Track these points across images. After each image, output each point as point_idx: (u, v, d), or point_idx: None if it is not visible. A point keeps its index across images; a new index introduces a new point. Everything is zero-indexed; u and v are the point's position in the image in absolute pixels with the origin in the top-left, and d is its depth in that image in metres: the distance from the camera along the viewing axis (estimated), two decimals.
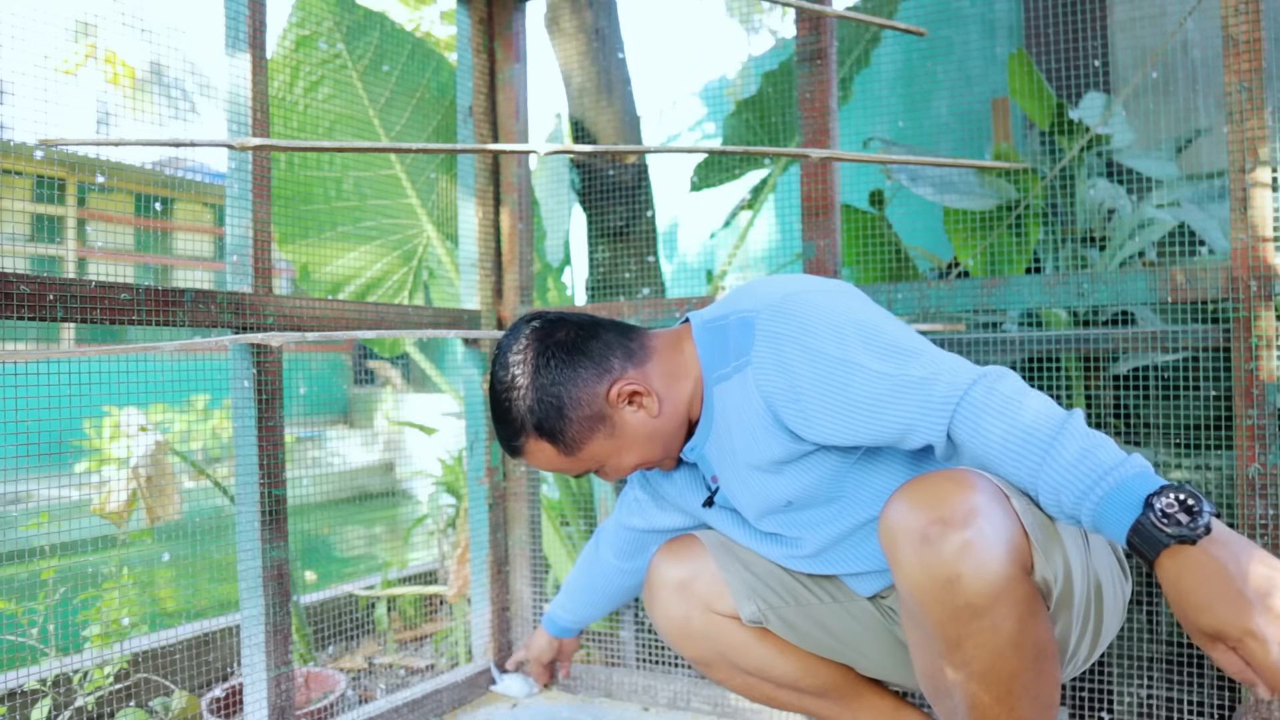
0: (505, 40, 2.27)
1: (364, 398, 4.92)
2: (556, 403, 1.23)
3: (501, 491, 2.26)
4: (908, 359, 1.09)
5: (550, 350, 1.24)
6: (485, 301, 2.24)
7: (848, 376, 1.10)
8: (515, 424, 1.26)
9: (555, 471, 1.35)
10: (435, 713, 2.02)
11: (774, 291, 1.22)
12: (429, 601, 2.89)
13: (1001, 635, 0.99)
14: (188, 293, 1.55)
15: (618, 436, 1.26)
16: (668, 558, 1.44)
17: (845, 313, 1.16)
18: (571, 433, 1.24)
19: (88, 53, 2.25)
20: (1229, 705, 1.70)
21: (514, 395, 1.25)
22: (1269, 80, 1.53)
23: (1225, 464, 1.76)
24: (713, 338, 1.27)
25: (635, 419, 1.25)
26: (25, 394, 1.43)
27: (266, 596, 1.69)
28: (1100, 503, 0.93)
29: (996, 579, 0.97)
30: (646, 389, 1.25)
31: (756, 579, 1.38)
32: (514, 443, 1.28)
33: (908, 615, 1.10)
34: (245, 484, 1.69)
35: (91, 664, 1.84)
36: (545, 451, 1.26)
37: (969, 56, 2.93)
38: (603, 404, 1.24)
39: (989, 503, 1.00)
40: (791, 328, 1.16)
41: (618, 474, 1.32)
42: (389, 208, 2.58)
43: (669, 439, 1.29)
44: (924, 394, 1.06)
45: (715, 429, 1.28)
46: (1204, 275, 1.57)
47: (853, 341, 1.12)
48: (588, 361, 1.24)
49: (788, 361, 1.14)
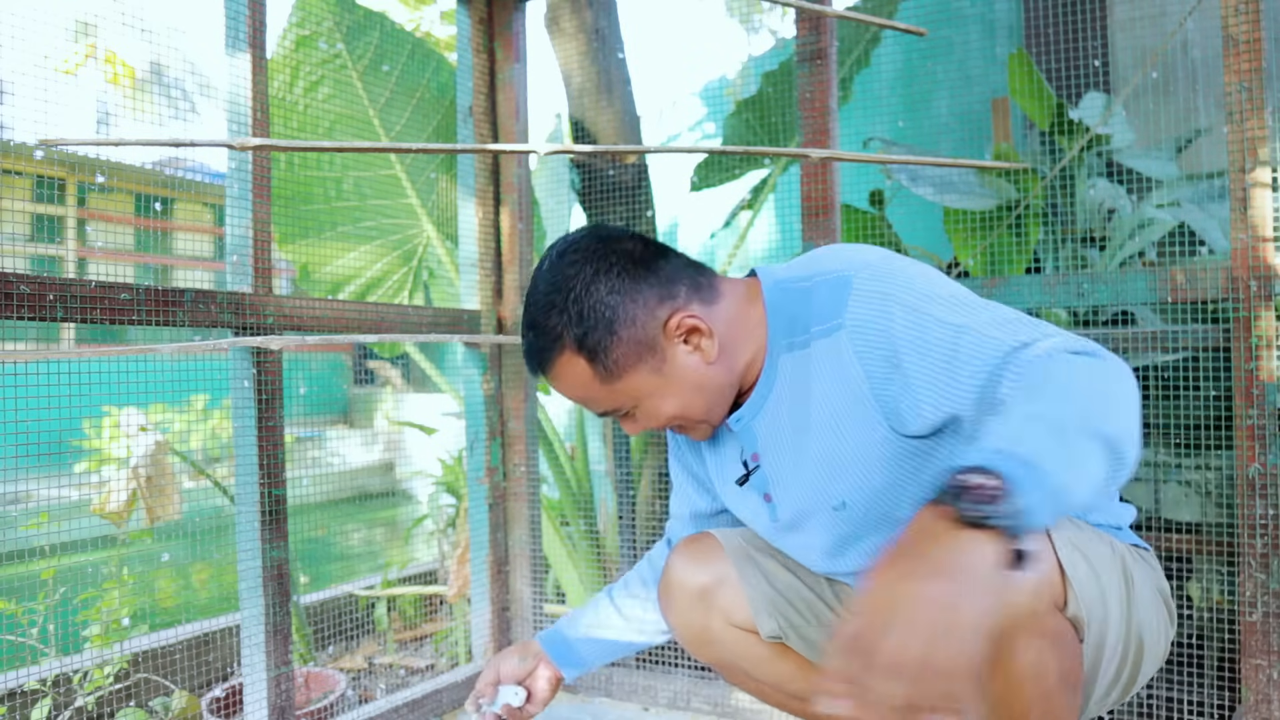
0: (505, 40, 2.27)
1: (364, 398, 4.92)
2: (609, 315, 1.09)
3: (501, 491, 2.26)
4: (1017, 325, 1.01)
5: (614, 257, 1.11)
6: (485, 301, 2.23)
7: (956, 337, 1.01)
8: (553, 332, 1.10)
9: (579, 400, 1.17)
10: (435, 713, 2.02)
11: (866, 254, 1.12)
12: (429, 601, 2.89)
13: (1019, 667, 0.96)
14: (188, 293, 1.55)
15: (664, 374, 1.12)
16: (687, 559, 1.32)
17: (942, 280, 1.08)
18: (616, 355, 1.10)
19: (88, 53, 2.25)
20: (1229, 705, 1.70)
21: (560, 298, 1.10)
22: (1269, 80, 1.53)
23: (1225, 464, 1.76)
24: (789, 301, 1.15)
25: (688, 360, 1.13)
26: (25, 394, 1.43)
27: (266, 596, 1.69)
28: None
29: (1023, 611, 0.94)
30: (708, 329, 1.12)
31: (778, 594, 1.30)
32: (545, 355, 1.12)
33: None
34: (245, 484, 1.69)
35: (91, 664, 1.84)
36: (578, 372, 1.11)
37: (969, 56, 2.93)
38: (658, 331, 1.11)
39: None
40: (897, 287, 1.06)
41: (648, 422, 1.18)
42: (389, 208, 2.58)
43: (716, 396, 1.16)
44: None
45: (772, 401, 1.17)
46: (1204, 275, 1.57)
47: (960, 305, 1.04)
48: (653, 280, 1.12)
49: (892, 323, 1.05)
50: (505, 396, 2.27)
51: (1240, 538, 1.54)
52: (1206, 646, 1.78)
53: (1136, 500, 1.82)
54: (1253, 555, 1.52)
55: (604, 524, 2.72)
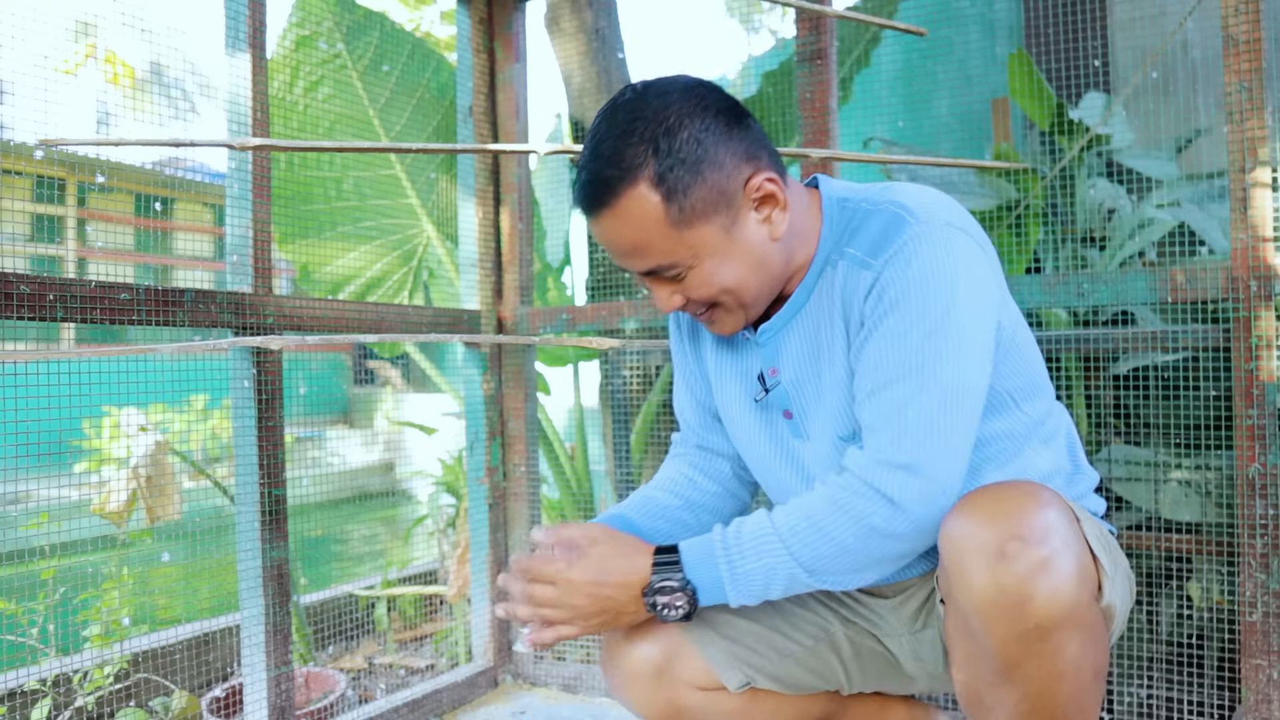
0: (505, 40, 2.27)
1: (364, 398, 4.92)
2: (698, 154, 1.02)
3: (501, 491, 2.26)
4: (961, 407, 1.02)
5: (709, 99, 1.06)
6: (485, 301, 2.24)
7: (901, 381, 1.03)
8: (631, 162, 1.02)
9: (628, 247, 1.08)
10: (435, 713, 2.02)
11: (935, 211, 1.08)
12: (429, 601, 2.89)
13: (1063, 660, 0.95)
14: (188, 293, 1.55)
15: (732, 236, 1.06)
16: (632, 637, 1.23)
17: (971, 303, 1.04)
18: (694, 198, 1.03)
19: (88, 53, 2.25)
20: (1229, 705, 1.70)
21: (646, 129, 1.02)
22: (1269, 80, 1.53)
23: (1225, 464, 1.76)
24: (846, 218, 1.13)
25: (757, 230, 1.08)
26: (25, 394, 1.43)
27: (266, 596, 1.69)
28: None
29: (1068, 602, 0.93)
30: (784, 200, 1.08)
31: (733, 643, 1.25)
32: (613, 187, 1.03)
33: (961, 629, 1.04)
34: (245, 484, 1.69)
35: (91, 664, 1.84)
36: (646, 210, 1.03)
37: (969, 56, 2.93)
38: (738, 188, 1.06)
39: (1062, 520, 0.96)
40: (930, 287, 1.03)
41: (695, 290, 1.10)
42: (389, 208, 2.58)
43: (767, 281, 1.11)
44: (897, 444, 1.02)
45: (805, 313, 1.15)
46: (1204, 275, 1.57)
47: (954, 341, 1.02)
48: (742, 134, 1.06)
49: (896, 311, 1.04)
50: (505, 396, 2.27)
51: (1240, 538, 1.54)
52: (1206, 646, 1.78)
53: (1137, 500, 1.82)
54: (1253, 555, 1.52)
55: None
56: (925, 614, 1.26)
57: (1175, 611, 1.83)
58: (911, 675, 1.31)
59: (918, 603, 1.27)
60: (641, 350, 2.26)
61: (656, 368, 2.46)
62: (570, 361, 2.71)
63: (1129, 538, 1.82)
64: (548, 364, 2.73)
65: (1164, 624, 1.85)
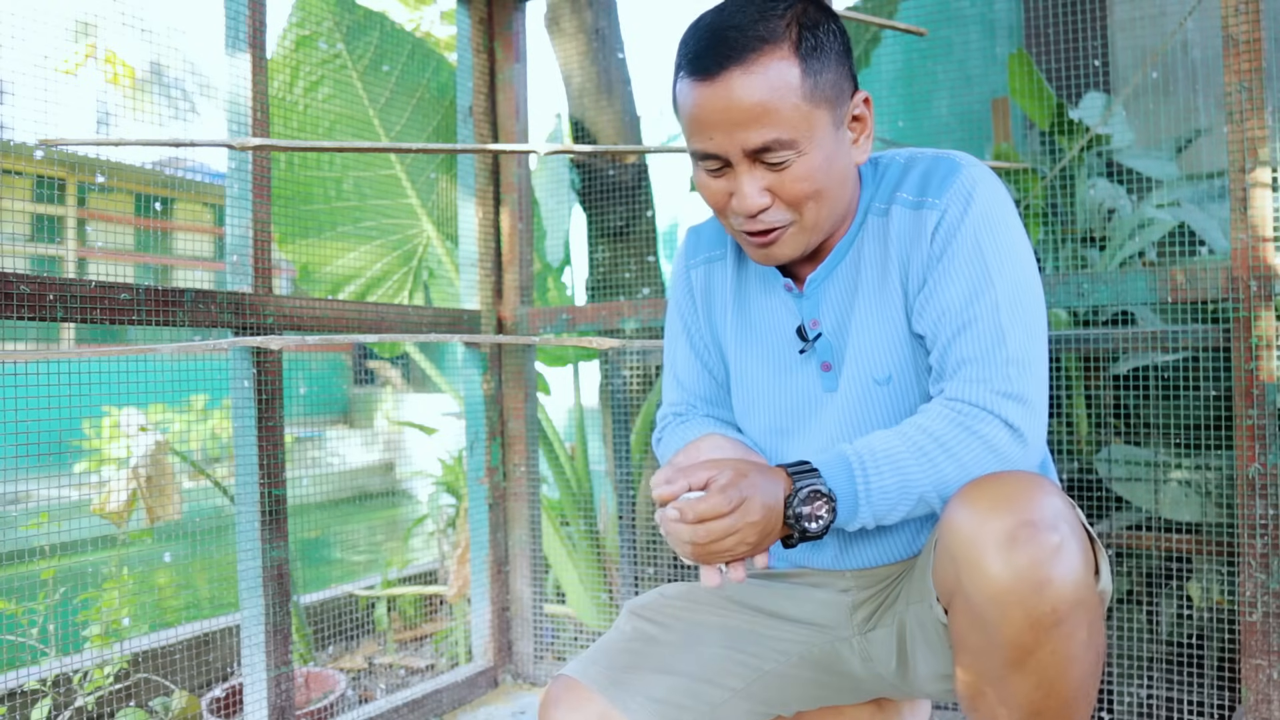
0: (505, 40, 2.27)
1: (364, 398, 4.92)
2: (838, 43, 1.07)
3: (501, 491, 2.26)
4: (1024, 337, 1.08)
5: (836, 15, 1.11)
6: (485, 301, 2.23)
7: (973, 303, 1.07)
8: (778, 24, 1.04)
9: (750, 110, 1.03)
10: (435, 713, 2.02)
11: (975, 169, 1.13)
12: (429, 601, 2.90)
13: (1075, 643, 0.96)
14: (188, 293, 1.55)
15: (838, 138, 1.09)
16: (560, 712, 1.19)
17: (1026, 248, 1.12)
18: (826, 79, 1.05)
19: (88, 53, 2.24)
20: (1229, 705, 1.70)
21: (791, 9, 1.05)
22: (1269, 80, 1.53)
23: (1225, 464, 1.76)
24: (881, 171, 1.19)
25: (846, 147, 1.11)
26: (25, 394, 1.43)
27: (266, 596, 1.69)
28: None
29: (1080, 585, 0.94)
30: (871, 128, 1.12)
31: (663, 703, 1.20)
32: (755, 44, 1.02)
33: (970, 622, 1.02)
34: (245, 484, 1.69)
35: (91, 664, 1.84)
36: (782, 73, 1.02)
37: (969, 56, 2.93)
38: (848, 95, 1.10)
39: (1065, 506, 0.98)
40: (997, 201, 1.10)
41: (789, 186, 1.07)
42: (389, 208, 2.58)
43: (838, 207, 1.13)
44: (980, 358, 1.07)
45: (848, 262, 1.18)
46: (1204, 275, 1.57)
47: (1015, 289, 1.08)
48: (850, 60, 1.12)
49: (975, 224, 1.09)
50: (505, 396, 2.27)
51: (1240, 538, 1.54)
52: (1206, 646, 1.78)
53: (1137, 500, 1.82)
54: (1253, 555, 1.52)
55: (604, 524, 2.72)
56: (880, 613, 1.26)
57: (1175, 611, 1.83)
58: (860, 678, 1.29)
59: (873, 606, 1.26)
60: (641, 350, 2.26)
61: (656, 368, 2.46)
62: (570, 361, 2.71)
63: (1129, 538, 1.82)
64: (548, 364, 2.73)
65: (1164, 624, 1.85)
